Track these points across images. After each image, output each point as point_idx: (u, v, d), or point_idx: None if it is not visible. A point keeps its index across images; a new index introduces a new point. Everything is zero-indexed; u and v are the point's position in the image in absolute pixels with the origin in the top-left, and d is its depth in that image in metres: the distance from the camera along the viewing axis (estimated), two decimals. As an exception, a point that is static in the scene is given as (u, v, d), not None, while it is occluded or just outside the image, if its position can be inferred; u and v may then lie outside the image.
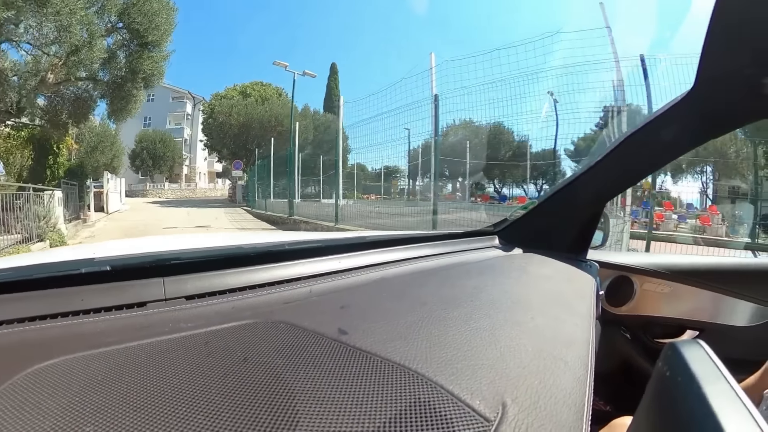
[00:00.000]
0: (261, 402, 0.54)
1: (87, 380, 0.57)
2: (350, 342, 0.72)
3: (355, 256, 1.28)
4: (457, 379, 0.62)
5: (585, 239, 1.87)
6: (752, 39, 1.02)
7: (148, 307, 0.82)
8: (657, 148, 1.50)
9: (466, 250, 1.65)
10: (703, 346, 0.58)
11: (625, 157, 1.57)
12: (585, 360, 0.80)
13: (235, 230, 17.78)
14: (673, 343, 0.59)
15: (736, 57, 1.09)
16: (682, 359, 0.55)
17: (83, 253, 1.25)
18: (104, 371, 0.59)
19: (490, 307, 0.97)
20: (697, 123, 1.36)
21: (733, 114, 1.31)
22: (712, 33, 1.03)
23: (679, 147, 1.52)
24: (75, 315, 0.76)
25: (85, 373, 0.59)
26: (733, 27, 1.02)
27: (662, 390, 0.57)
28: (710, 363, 0.54)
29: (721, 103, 1.26)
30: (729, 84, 1.16)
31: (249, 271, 1.01)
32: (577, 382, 0.71)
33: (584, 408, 0.65)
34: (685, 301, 2.08)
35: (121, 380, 0.57)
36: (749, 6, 0.97)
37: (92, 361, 0.62)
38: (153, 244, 1.59)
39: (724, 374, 0.51)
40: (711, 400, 0.47)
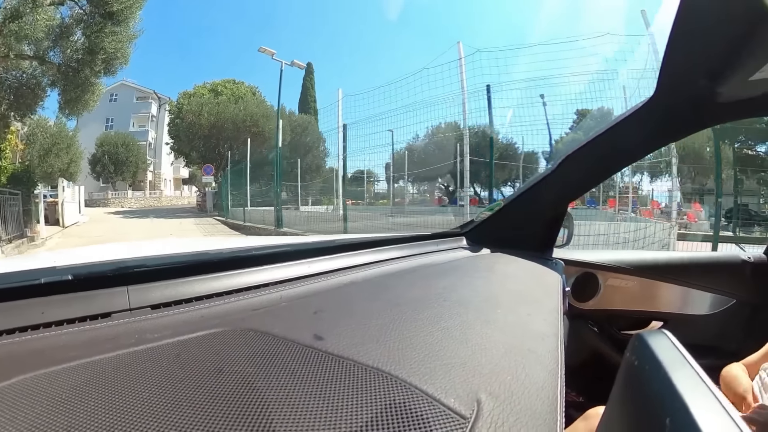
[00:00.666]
0: (234, 413, 0.53)
1: (50, 399, 0.54)
2: (322, 347, 0.71)
3: (325, 259, 1.27)
4: (431, 378, 0.63)
5: (550, 238, 1.98)
6: (706, 54, 1.16)
7: (113, 317, 0.80)
8: (619, 150, 1.66)
9: (434, 252, 1.68)
10: (668, 335, 0.62)
11: (589, 159, 1.69)
12: (555, 353, 0.82)
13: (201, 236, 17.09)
14: (640, 334, 0.63)
15: (692, 70, 1.23)
16: (649, 348, 0.59)
17: (43, 261, 1.19)
18: (69, 388, 0.57)
19: (460, 306, 0.98)
20: (657, 127, 1.52)
21: (689, 120, 1.50)
22: (671, 48, 1.17)
23: (640, 149, 1.74)
24: (35, 329, 0.73)
25: (48, 391, 0.56)
26: (690, 43, 1.14)
27: (631, 378, 0.61)
28: (675, 350, 0.58)
29: (678, 111, 1.42)
30: (685, 93, 1.33)
31: (216, 277, 0.99)
32: (549, 375, 0.73)
33: (557, 399, 0.68)
34: (648, 294, 2.28)
35: (87, 397, 0.55)
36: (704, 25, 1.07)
37: (55, 378, 0.59)
38: (116, 252, 1.51)
39: (688, 360, 0.56)
40: (677, 385, 0.50)
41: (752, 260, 2.26)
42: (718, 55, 1.14)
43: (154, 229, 21.40)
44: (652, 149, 1.68)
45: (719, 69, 1.18)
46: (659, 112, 1.41)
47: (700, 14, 1.06)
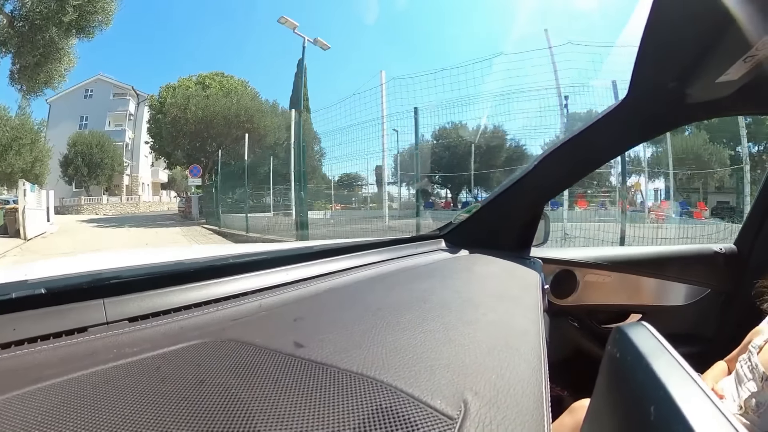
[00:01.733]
0: (219, 426, 0.52)
1: (25, 422, 0.51)
2: (305, 355, 0.71)
3: (304, 266, 1.26)
4: (416, 381, 0.63)
5: (527, 238, 2.03)
6: (676, 57, 1.23)
7: (90, 332, 0.77)
8: (595, 150, 1.73)
9: (413, 255, 1.69)
10: (647, 326, 0.65)
11: (562, 159, 1.75)
12: (538, 350, 0.84)
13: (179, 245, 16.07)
14: (620, 327, 0.67)
15: (663, 72, 1.31)
16: (629, 340, 0.62)
17: (13, 275, 1.11)
18: (45, 409, 0.54)
19: (441, 308, 0.98)
20: (630, 127, 1.60)
21: (661, 120, 1.59)
22: (643, 51, 1.22)
23: (615, 149, 1.88)
24: (6, 347, 0.69)
25: (22, 415, 0.53)
26: (661, 46, 1.21)
27: (614, 370, 0.64)
28: (654, 340, 0.61)
29: (650, 112, 1.51)
30: (657, 95, 1.41)
31: (194, 287, 0.98)
32: (533, 371, 0.74)
33: (543, 395, 0.69)
34: (626, 289, 2.37)
35: (65, 418, 0.53)
36: (674, 28, 1.14)
37: (30, 399, 0.56)
38: (91, 263, 1.46)
39: (668, 349, 0.59)
40: (658, 373, 0.54)
41: (724, 251, 2.37)
42: (687, 58, 1.22)
43: (133, 241, 18.25)
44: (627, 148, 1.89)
45: (688, 72, 1.27)
46: (633, 112, 1.49)
47: (669, 20, 1.12)
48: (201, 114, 30.92)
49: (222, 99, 31.89)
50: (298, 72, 50.29)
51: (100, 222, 30.64)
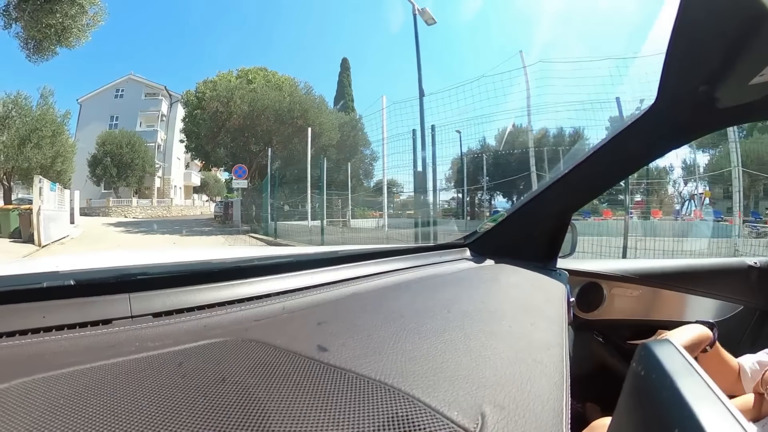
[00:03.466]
0: (234, 423, 0.53)
1: (48, 404, 0.54)
2: (324, 359, 0.71)
3: (328, 270, 1.25)
4: (434, 391, 0.62)
5: (554, 248, 1.95)
6: (706, 60, 1.12)
7: (114, 324, 0.79)
8: (621, 160, 1.62)
9: (438, 263, 1.66)
10: (674, 343, 0.63)
11: (591, 169, 1.65)
12: (560, 364, 0.82)
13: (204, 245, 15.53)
14: (646, 343, 0.64)
15: (692, 77, 1.20)
16: (655, 357, 0.59)
17: (45, 266, 1.16)
18: (67, 394, 0.56)
19: (463, 317, 0.97)
20: (659, 135, 1.49)
21: (690, 127, 1.46)
22: (670, 56, 1.14)
23: (642, 158, 1.70)
24: (35, 333, 0.72)
25: (46, 396, 0.55)
26: (689, 49, 1.12)
27: (638, 388, 0.61)
28: (681, 359, 0.58)
29: (679, 118, 1.39)
30: (686, 100, 1.30)
31: (219, 287, 0.99)
32: (554, 387, 0.72)
33: (563, 411, 0.67)
34: (653, 303, 2.25)
35: (85, 403, 0.55)
36: (703, 29, 1.05)
37: (54, 383, 0.59)
38: (119, 258, 1.52)
39: (695, 368, 0.56)
40: (684, 393, 0.51)
41: (759, 265, 2.22)
42: (717, 60, 1.12)
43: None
44: (656, 157, 1.64)
45: (718, 75, 1.17)
46: (661, 119, 1.41)
47: (698, 20, 1.05)
48: (247, 108, 26.65)
49: (272, 92, 27.75)
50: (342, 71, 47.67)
51: (128, 226, 27.08)
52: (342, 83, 46.75)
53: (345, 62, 48.15)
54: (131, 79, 48.21)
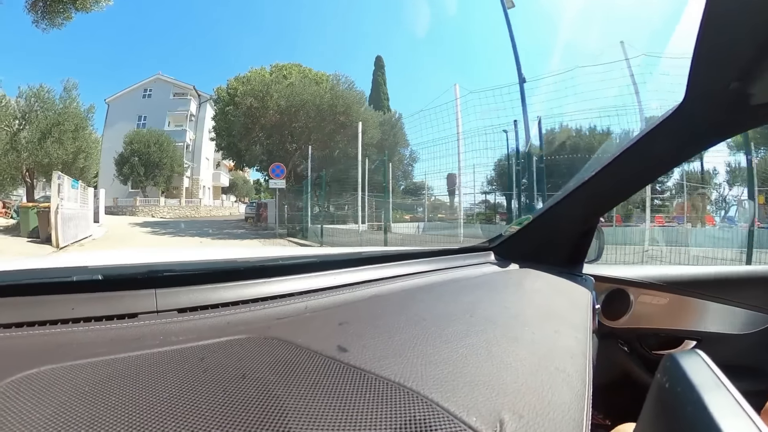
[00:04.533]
0: (252, 419, 0.53)
1: (73, 391, 0.56)
2: (344, 359, 0.71)
3: (351, 271, 1.24)
4: (454, 396, 0.62)
5: (580, 253, 1.87)
6: (737, 54, 1.06)
7: (140, 318, 0.80)
8: (649, 162, 1.53)
9: (461, 266, 1.62)
10: (702, 355, 0.59)
11: (618, 171, 1.57)
12: (583, 373, 0.80)
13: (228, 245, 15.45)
14: (672, 354, 0.61)
15: (722, 74, 1.13)
16: (681, 369, 0.56)
17: (75, 260, 1.26)
18: (92, 382, 0.58)
19: (486, 322, 0.96)
20: (687, 137, 1.40)
21: (721, 127, 1.35)
22: (698, 52, 1.07)
23: (671, 160, 1.58)
24: (64, 323, 0.75)
25: (72, 383, 0.57)
26: (719, 43, 1.05)
27: (662, 401, 0.58)
28: (709, 372, 0.55)
29: (709, 117, 1.30)
30: (716, 99, 1.21)
31: (243, 285, 0.99)
32: (576, 396, 0.71)
33: (583, 422, 0.66)
34: (681, 312, 2.10)
35: (108, 392, 0.56)
36: (733, 22, 1.00)
37: (80, 371, 0.61)
38: (146, 255, 1.57)
39: (723, 382, 0.53)
40: (711, 409, 0.48)
41: None
42: (749, 54, 1.05)
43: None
44: (686, 158, 1.52)
45: (751, 69, 1.09)
46: (690, 118, 1.31)
47: (728, 12, 0.98)
48: (284, 104, 24.37)
49: (311, 86, 25.41)
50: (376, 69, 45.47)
51: (155, 226, 25.32)
52: (377, 82, 44.73)
53: (379, 60, 46.19)
54: (159, 79, 47.21)
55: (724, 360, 0.69)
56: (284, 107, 24.31)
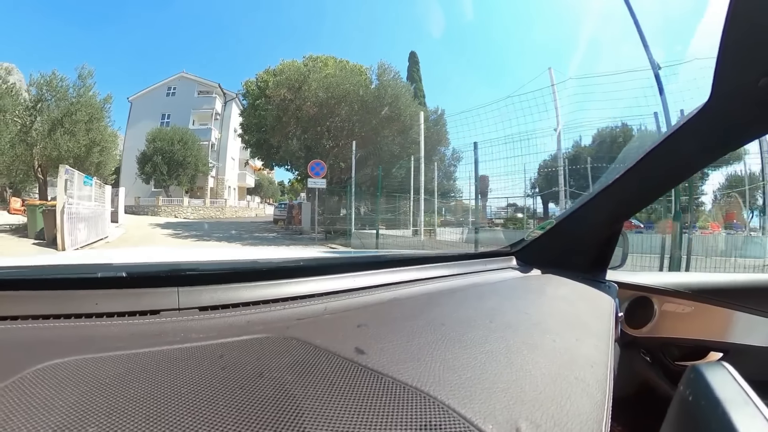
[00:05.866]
0: (268, 417, 0.54)
1: (95, 382, 0.57)
2: (363, 362, 0.70)
3: (371, 274, 1.23)
4: (471, 402, 0.61)
5: (604, 259, 1.80)
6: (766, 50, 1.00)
7: (162, 315, 0.82)
8: (674, 164, 1.45)
9: (482, 271, 1.58)
10: (728, 368, 0.58)
11: (643, 174, 1.49)
12: (603, 384, 0.78)
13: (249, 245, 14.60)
14: (696, 366, 0.61)
15: (750, 69, 1.07)
16: (706, 382, 0.55)
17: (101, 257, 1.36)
18: (112, 375, 0.60)
19: (506, 329, 0.94)
20: (714, 137, 1.31)
21: (750, 126, 1.27)
22: (725, 47, 1.02)
23: (697, 162, 1.51)
24: (88, 317, 0.77)
25: (94, 374, 0.59)
26: (746, 40, 1.00)
27: (684, 415, 0.58)
28: (736, 386, 0.54)
29: (737, 116, 1.22)
30: (744, 96, 1.15)
31: (264, 285, 1.00)
32: (595, 407, 0.70)
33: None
34: (708, 322, 1.92)
35: (128, 385, 0.58)
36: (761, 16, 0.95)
37: (101, 363, 0.62)
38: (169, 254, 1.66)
39: (751, 398, 0.51)
40: (737, 424, 0.47)
41: None
42: None
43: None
44: (714, 158, 1.41)
45: None
46: (716, 118, 1.22)
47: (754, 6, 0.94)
48: (323, 95, 21.49)
49: (355, 77, 22.60)
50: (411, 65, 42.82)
51: (177, 228, 22.87)
52: (412, 78, 41.20)
53: (413, 56, 43.32)
54: (183, 77, 45.38)
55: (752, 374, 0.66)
56: (323, 99, 21.52)
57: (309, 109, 21.54)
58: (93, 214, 14.46)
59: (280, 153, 24.33)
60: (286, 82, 22.16)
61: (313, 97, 21.47)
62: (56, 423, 0.48)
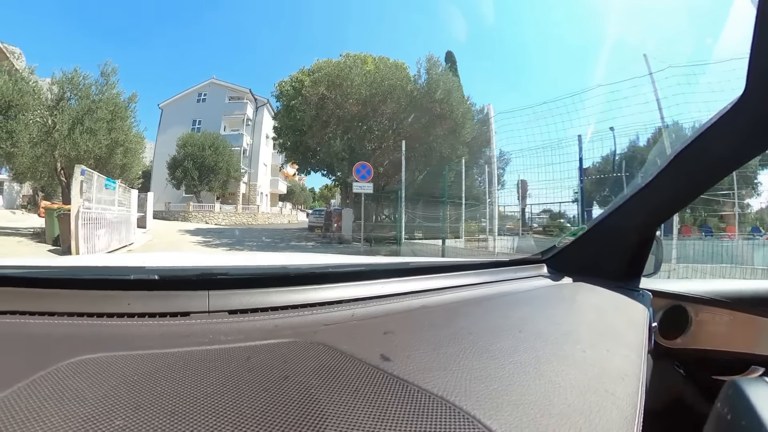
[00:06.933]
0: (291, 420, 0.54)
1: (124, 377, 0.59)
2: (388, 369, 0.69)
3: (399, 281, 1.21)
4: (497, 414, 0.59)
5: (637, 266, 1.68)
6: None
7: (192, 317, 0.83)
8: (710, 164, 1.33)
9: (512, 279, 1.54)
10: None
11: (677, 175, 1.39)
12: (635, 397, 0.76)
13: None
14: (735, 381, 0.58)
15: None
16: (746, 399, 0.52)
17: (134, 260, 1.34)
18: (141, 372, 0.61)
19: (536, 339, 0.91)
20: (752, 131, 1.19)
21: None
22: (760, 31, 0.95)
23: (735, 159, 1.36)
24: (120, 317, 0.79)
25: (123, 370, 0.61)
26: None
27: None
28: None
29: None
30: None
31: (293, 290, 1.00)
32: (626, 421, 0.68)
33: None
34: (748, 333, 1.70)
35: (155, 382, 0.59)
36: None
37: (131, 360, 0.64)
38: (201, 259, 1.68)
39: None
40: None
41: None
42: None
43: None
44: (750, 157, 1.26)
45: None
46: (752, 111, 1.11)
47: None
48: (366, 92, 19.33)
49: (399, 71, 20.37)
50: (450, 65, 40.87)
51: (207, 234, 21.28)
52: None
53: (450, 56, 39.68)
54: (213, 83, 44.66)
55: None
56: (366, 96, 19.44)
57: (351, 107, 19.50)
58: (116, 220, 13.30)
59: (320, 155, 22.36)
60: (326, 78, 20.19)
61: (356, 94, 19.42)
62: (86, 414, 0.50)
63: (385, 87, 19.34)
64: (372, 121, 20.32)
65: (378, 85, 19.38)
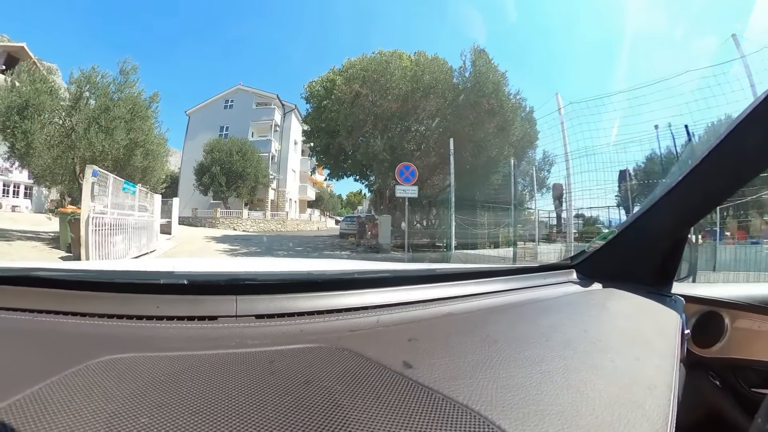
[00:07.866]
0: (314, 425, 0.54)
1: (151, 377, 0.61)
2: (413, 376, 0.69)
3: (425, 288, 1.18)
4: (523, 424, 0.58)
5: (669, 271, 1.61)
6: None
7: (219, 321, 0.84)
8: (744, 159, 1.24)
9: (540, 286, 1.46)
10: None
11: (709, 174, 1.30)
12: (666, 409, 0.74)
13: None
14: None
15: None
16: None
17: (164, 265, 1.39)
18: (167, 373, 0.63)
19: (564, 347, 0.89)
20: None
21: None
22: None
23: None
24: (149, 319, 0.80)
25: (150, 371, 0.62)
26: None
27: None
28: None
29: None
30: None
31: (319, 296, 0.99)
32: None
33: None
34: None
35: (181, 383, 0.60)
36: None
37: (158, 361, 0.65)
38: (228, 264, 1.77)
39: None
40: None
41: None
42: None
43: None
44: None
45: None
46: None
47: None
48: (406, 87, 17.67)
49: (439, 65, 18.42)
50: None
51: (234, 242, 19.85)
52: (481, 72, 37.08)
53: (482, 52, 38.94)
54: (240, 90, 44.06)
55: None
56: (406, 92, 17.57)
57: (390, 104, 17.63)
58: (137, 225, 12.55)
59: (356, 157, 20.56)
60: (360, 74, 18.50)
61: (395, 89, 17.58)
62: (112, 410, 0.52)
63: (426, 81, 17.51)
64: (412, 119, 18.53)
65: (419, 80, 17.56)
